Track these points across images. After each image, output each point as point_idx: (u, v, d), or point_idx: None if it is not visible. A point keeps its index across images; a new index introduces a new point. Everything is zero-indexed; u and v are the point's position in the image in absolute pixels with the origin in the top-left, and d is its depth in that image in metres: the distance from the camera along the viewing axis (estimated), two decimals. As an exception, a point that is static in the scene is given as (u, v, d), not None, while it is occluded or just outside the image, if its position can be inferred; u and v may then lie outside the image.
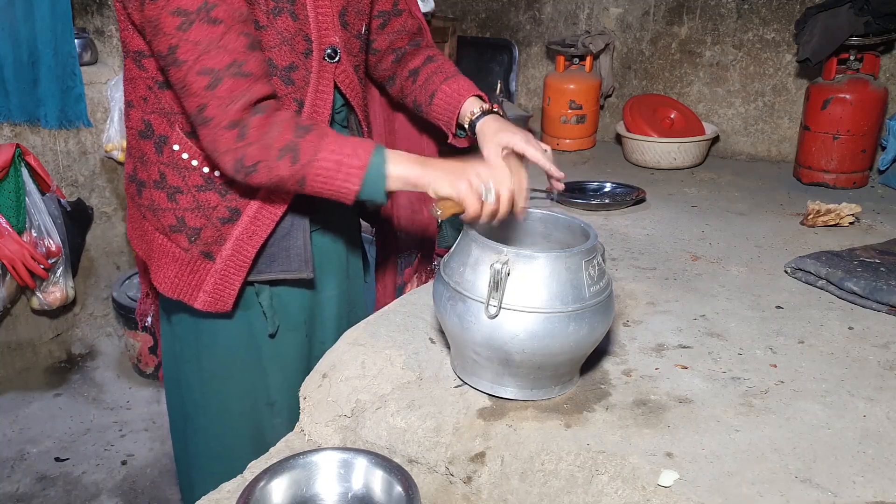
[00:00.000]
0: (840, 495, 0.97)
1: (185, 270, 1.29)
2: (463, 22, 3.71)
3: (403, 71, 1.46)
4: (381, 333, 1.37)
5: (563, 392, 1.20)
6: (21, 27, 2.60)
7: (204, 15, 1.07)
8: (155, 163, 1.26)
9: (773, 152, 3.16)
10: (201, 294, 1.29)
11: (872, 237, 2.06)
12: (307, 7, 1.22)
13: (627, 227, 2.15)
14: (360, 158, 1.14)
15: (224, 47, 1.08)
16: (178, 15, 1.07)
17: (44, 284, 2.71)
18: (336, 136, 1.16)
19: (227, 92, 1.09)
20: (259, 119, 1.12)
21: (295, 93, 1.25)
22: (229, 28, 1.09)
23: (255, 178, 1.15)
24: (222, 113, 1.10)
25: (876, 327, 1.49)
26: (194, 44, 1.07)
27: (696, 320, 1.50)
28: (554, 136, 3.31)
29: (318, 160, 1.13)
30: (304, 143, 1.12)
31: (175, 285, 1.30)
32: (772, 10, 3.02)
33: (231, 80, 1.09)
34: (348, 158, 1.13)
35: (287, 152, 1.12)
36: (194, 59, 1.08)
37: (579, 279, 1.09)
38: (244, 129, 1.11)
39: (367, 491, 1.06)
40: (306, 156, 1.12)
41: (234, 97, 1.10)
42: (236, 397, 1.40)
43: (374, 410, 1.21)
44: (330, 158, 1.13)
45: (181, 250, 1.28)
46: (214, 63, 1.08)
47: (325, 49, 1.26)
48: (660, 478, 0.99)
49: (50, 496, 2.32)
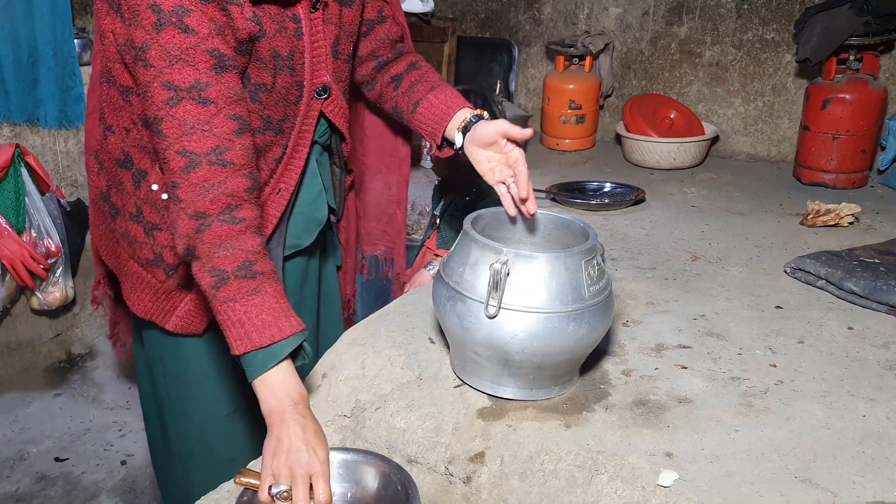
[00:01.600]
0: (840, 495, 0.97)
1: (160, 297, 1.30)
2: (463, 22, 3.71)
3: (384, 77, 1.44)
4: (381, 333, 1.37)
5: (563, 392, 1.20)
6: (21, 27, 2.60)
7: (195, 94, 1.03)
8: (132, 195, 1.24)
9: (773, 152, 3.16)
10: (173, 318, 1.30)
11: (872, 237, 2.06)
12: (305, 55, 1.20)
13: (627, 227, 2.15)
14: (255, 341, 1.04)
15: (210, 131, 1.04)
16: (168, 89, 1.03)
17: (43, 284, 2.71)
18: (267, 301, 1.06)
19: (202, 179, 1.04)
20: (222, 228, 1.06)
21: (282, 139, 1.25)
22: (220, 110, 1.05)
23: (192, 267, 1.10)
24: (191, 199, 1.05)
25: (876, 327, 1.49)
26: (180, 122, 1.03)
27: (696, 320, 1.50)
28: (554, 136, 3.31)
29: (230, 307, 1.05)
30: (235, 283, 1.05)
31: (148, 308, 1.31)
32: (771, 10, 3.02)
33: (208, 168, 1.04)
34: (253, 328, 1.04)
35: (216, 275, 1.05)
36: (176, 138, 1.03)
37: (579, 279, 1.09)
38: (204, 226, 1.05)
39: (366, 491, 1.06)
40: (225, 293, 1.05)
41: (208, 186, 1.05)
42: (195, 406, 1.40)
43: (374, 410, 1.21)
44: (239, 314, 1.05)
45: (157, 281, 1.28)
46: (195, 146, 1.04)
47: (315, 89, 1.25)
48: (659, 478, 0.99)
49: (50, 496, 2.32)
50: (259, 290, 1.06)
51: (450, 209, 1.88)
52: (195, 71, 1.03)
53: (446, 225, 1.88)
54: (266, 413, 1.05)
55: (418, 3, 2.68)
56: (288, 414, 1.03)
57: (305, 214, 1.36)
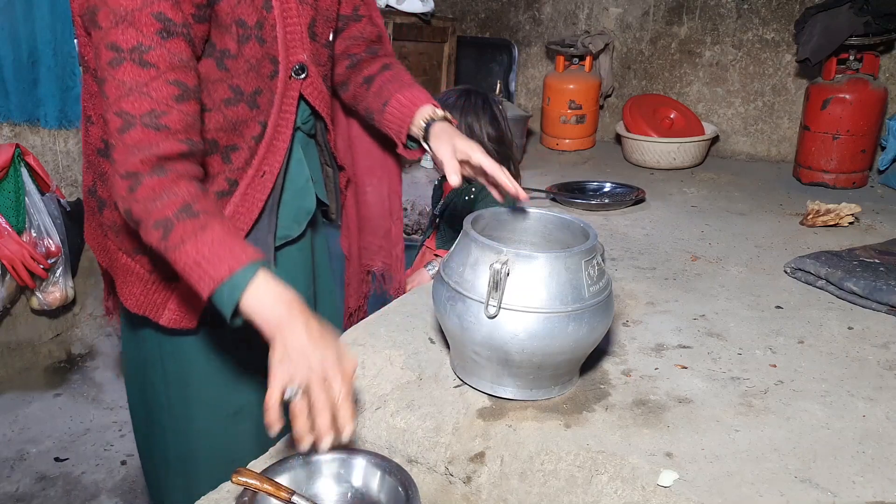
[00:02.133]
0: (840, 495, 0.97)
1: (150, 290, 1.29)
2: (463, 22, 3.71)
3: (358, 77, 1.44)
4: (381, 333, 1.37)
5: (563, 392, 1.20)
6: (21, 27, 2.60)
7: (136, 56, 1.03)
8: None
9: (773, 152, 3.17)
10: (166, 312, 1.29)
11: (872, 237, 2.06)
12: (276, 28, 1.20)
13: (627, 227, 2.15)
14: (220, 271, 1.01)
15: (147, 94, 1.04)
16: (112, 49, 1.03)
17: (43, 284, 2.71)
18: (216, 234, 1.04)
19: (135, 141, 1.04)
20: (153, 181, 1.05)
21: (259, 116, 1.24)
22: (160, 74, 1.04)
23: (139, 231, 1.08)
24: (123, 160, 1.05)
25: (876, 327, 1.49)
26: (119, 83, 1.03)
27: (696, 320, 1.50)
28: (554, 136, 3.31)
29: (182, 251, 1.03)
30: (180, 226, 1.04)
31: (140, 303, 1.29)
32: (771, 10, 3.02)
33: (142, 130, 1.04)
34: (209, 265, 1.02)
35: (160, 227, 1.04)
36: (115, 99, 1.04)
37: (579, 279, 1.09)
38: (136, 184, 1.05)
39: (366, 491, 1.06)
40: (173, 240, 1.03)
41: (140, 147, 1.04)
42: (198, 406, 1.39)
43: (374, 410, 1.21)
44: (192, 254, 1.03)
45: (145, 271, 1.27)
46: (132, 108, 1.04)
47: (292, 67, 1.24)
48: (659, 478, 0.99)
49: (50, 496, 2.32)
50: (206, 227, 1.04)
51: (450, 209, 1.88)
52: (139, 33, 1.03)
53: (446, 225, 1.88)
54: (266, 332, 1.01)
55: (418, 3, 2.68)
56: (285, 318, 1.00)
57: (294, 204, 1.36)
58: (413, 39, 2.72)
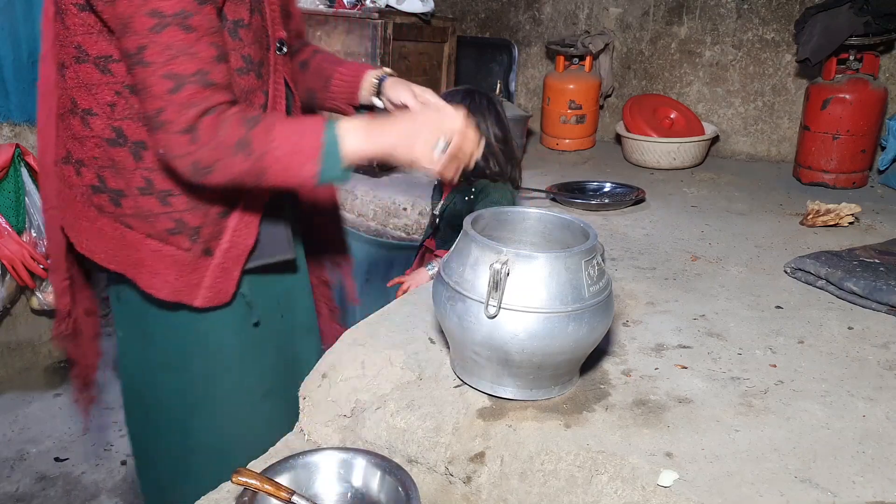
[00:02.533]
0: (840, 495, 0.97)
1: (185, 270, 1.28)
2: (463, 22, 3.71)
3: (294, 63, 1.50)
4: (381, 333, 1.37)
5: (563, 392, 1.20)
6: (21, 27, 2.60)
7: (180, 20, 1.08)
8: (135, 170, 1.23)
9: (773, 152, 3.17)
10: (201, 291, 1.29)
11: (872, 237, 2.06)
12: (264, 3, 1.27)
13: (627, 227, 2.15)
14: (313, 140, 1.13)
15: (194, 55, 1.08)
16: (153, 16, 1.06)
17: (43, 284, 2.71)
18: (285, 122, 1.16)
19: (188, 98, 1.09)
20: (209, 119, 1.10)
21: (263, 86, 1.29)
22: (201, 37, 1.09)
23: (213, 178, 1.14)
24: (177, 118, 1.09)
25: (876, 327, 1.49)
26: (165, 47, 1.07)
27: (696, 320, 1.50)
28: (554, 136, 3.31)
29: (272, 150, 1.11)
30: (255, 135, 1.11)
31: (174, 288, 1.29)
32: (771, 10, 3.02)
33: (193, 87, 1.09)
34: (302, 141, 1.13)
35: (241, 148, 1.11)
36: (162, 62, 1.07)
37: (579, 279, 1.09)
38: (195, 132, 1.10)
39: (366, 491, 1.06)
40: (260, 148, 1.11)
41: (193, 103, 1.09)
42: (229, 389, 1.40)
43: (374, 410, 1.21)
44: (283, 147, 1.12)
45: (181, 251, 1.27)
46: (182, 69, 1.08)
47: (276, 41, 1.31)
48: (659, 478, 0.99)
49: (50, 496, 2.32)
50: (274, 122, 1.14)
51: (449, 209, 1.88)
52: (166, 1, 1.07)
53: (446, 225, 1.88)
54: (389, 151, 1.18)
55: (418, 3, 2.68)
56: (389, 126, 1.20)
57: None
58: (413, 39, 2.72)
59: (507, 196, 1.85)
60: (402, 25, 2.62)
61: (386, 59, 2.60)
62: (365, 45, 2.55)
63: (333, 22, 2.60)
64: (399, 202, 2.49)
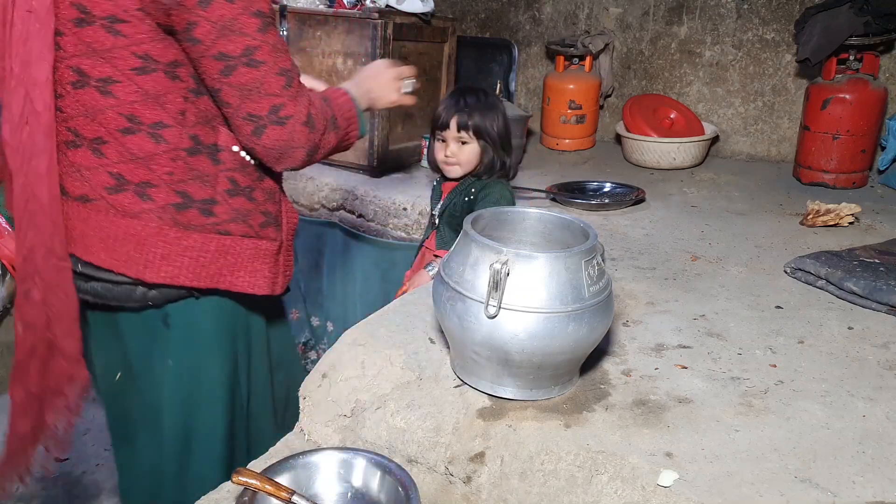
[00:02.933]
0: (840, 495, 0.97)
1: (274, 262, 1.32)
2: (463, 22, 3.71)
3: None
4: (381, 333, 1.37)
5: (563, 392, 1.20)
6: None
7: (271, 20, 1.15)
8: (217, 174, 1.21)
9: (773, 152, 3.17)
10: (281, 279, 1.34)
11: (872, 237, 2.06)
12: None
13: (627, 227, 2.15)
14: (350, 105, 1.31)
15: (285, 50, 1.17)
16: (258, 17, 1.11)
17: (43, 284, 2.71)
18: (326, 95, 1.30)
19: (297, 90, 1.17)
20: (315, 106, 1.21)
21: None
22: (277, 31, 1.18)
23: (316, 158, 1.25)
24: (296, 109, 1.16)
25: (876, 327, 1.49)
26: (273, 46, 1.13)
27: (696, 320, 1.50)
28: (554, 136, 3.31)
29: (339, 120, 1.27)
30: (328, 110, 1.24)
31: (269, 281, 1.30)
32: (771, 10, 3.02)
33: (297, 80, 1.18)
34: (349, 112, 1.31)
35: (331, 125, 1.25)
36: (273, 61, 1.13)
37: (579, 279, 1.09)
38: (312, 119, 1.20)
39: (366, 491, 1.06)
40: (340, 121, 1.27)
41: (302, 93, 1.18)
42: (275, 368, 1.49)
43: (374, 410, 1.21)
44: (341, 115, 1.28)
45: (270, 241, 1.30)
46: (287, 64, 1.16)
47: None
48: (659, 478, 0.99)
49: (50, 496, 2.32)
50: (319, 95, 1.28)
51: (449, 209, 1.87)
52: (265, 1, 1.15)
53: (446, 225, 1.88)
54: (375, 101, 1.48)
55: (418, 3, 2.68)
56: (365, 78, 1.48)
57: None
58: (413, 39, 2.72)
59: (507, 196, 1.85)
60: (402, 25, 2.62)
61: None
62: (365, 45, 2.55)
63: (333, 22, 2.60)
64: (399, 202, 2.49)
